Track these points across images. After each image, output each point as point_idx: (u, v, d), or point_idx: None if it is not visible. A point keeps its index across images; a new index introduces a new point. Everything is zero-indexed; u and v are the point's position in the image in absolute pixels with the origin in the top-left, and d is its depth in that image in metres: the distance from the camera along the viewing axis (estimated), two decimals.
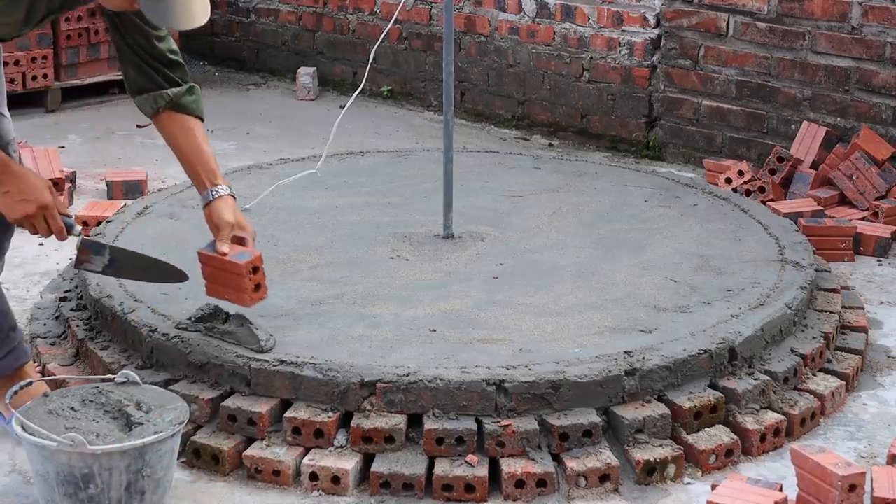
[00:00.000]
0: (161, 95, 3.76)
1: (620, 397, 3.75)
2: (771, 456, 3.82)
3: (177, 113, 3.79)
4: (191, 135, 3.80)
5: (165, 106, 3.77)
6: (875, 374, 4.35)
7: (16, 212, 3.47)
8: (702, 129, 6.52)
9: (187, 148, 3.80)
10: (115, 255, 3.75)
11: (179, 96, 3.77)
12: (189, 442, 3.71)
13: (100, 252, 3.72)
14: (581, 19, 6.79)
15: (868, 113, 6.00)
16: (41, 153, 5.87)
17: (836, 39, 6.03)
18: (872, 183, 5.70)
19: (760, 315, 4.11)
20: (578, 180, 5.47)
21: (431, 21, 7.40)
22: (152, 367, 3.91)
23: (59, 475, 3.29)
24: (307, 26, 7.99)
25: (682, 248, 4.69)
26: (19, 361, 3.82)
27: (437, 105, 7.23)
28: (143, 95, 3.77)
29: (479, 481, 3.56)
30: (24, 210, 3.46)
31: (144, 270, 3.82)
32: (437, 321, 4.05)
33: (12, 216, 3.49)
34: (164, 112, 3.78)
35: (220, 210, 3.76)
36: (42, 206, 3.48)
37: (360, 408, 3.68)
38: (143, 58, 3.72)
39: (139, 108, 3.81)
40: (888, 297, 4.98)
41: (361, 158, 5.80)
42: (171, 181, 5.91)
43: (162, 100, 3.76)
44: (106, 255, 3.72)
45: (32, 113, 7.18)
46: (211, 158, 3.81)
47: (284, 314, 4.01)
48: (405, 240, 4.74)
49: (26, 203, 3.46)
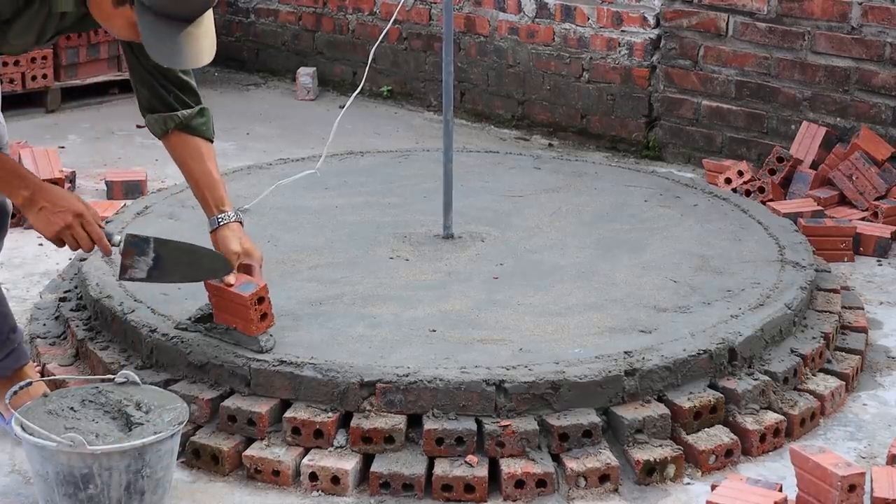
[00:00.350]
0: (171, 117, 3.74)
1: (620, 397, 3.75)
2: (771, 456, 3.82)
3: (186, 135, 3.77)
4: (200, 158, 3.78)
5: (175, 128, 3.75)
6: (875, 375, 4.35)
7: (54, 225, 3.47)
8: (702, 129, 6.52)
9: (196, 172, 3.79)
10: (159, 250, 3.62)
11: (190, 118, 3.75)
12: (189, 442, 3.70)
13: (144, 251, 3.62)
14: (581, 19, 6.79)
15: (868, 113, 6.00)
16: (41, 153, 5.87)
17: (835, 39, 6.03)
18: (872, 183, 5.70)
19: (760, 315, 4.11)
20: (578, 180, 5.47)
21: (431, 21, 7.40)
22: (152, 367, 3.91)
23: (59, 475, 3.29)
24: (307, 26, 7.99)
25: (682, 248, 4.69)
26: (19, 363, 3.82)
27: (437, 105, 7.23)
28: (154, 115, 3.75)
29: (479, 481, 3.56)
30: (62, 221, 3.46)
31: (189, 266, 3.71)
32: (437, 321, 4.05)
33: (51, 231, 3.48)
34: (174, 133, 3.76)
35: (225, 239, 3.76)
36: (77, 215, 3.48)
37: (359, 408, 3.68)
38: (155, 77, 3.70)
39: (149, 127, 3.79)
40: (888, 297, 4.98)
41: (361, 158, 5.80)
42: (171, 181, 5.91)
43: (172, 121, 3.74)
44: (150, 254, 3.62)
45: (32, 113, 7.19)
46: (219, 183, 3.79)
47: (284, 314, 4.01)
48: (405, 240, 4.74)
49: (62, 214, 3.46)
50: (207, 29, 3.25)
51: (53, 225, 3.46)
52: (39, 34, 3.39)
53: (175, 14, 3.17)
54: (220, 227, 3.77)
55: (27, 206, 3.47)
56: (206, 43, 3.25)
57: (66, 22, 3.43)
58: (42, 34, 3.40)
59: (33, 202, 3.46)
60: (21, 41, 3.39)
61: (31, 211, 3.47)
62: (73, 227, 3.48)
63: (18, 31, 3.33)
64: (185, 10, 3.18)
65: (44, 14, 3.33)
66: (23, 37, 3.36)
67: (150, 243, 3.61)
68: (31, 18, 3.32)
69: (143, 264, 3.61)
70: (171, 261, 3.65)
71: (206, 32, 3.25)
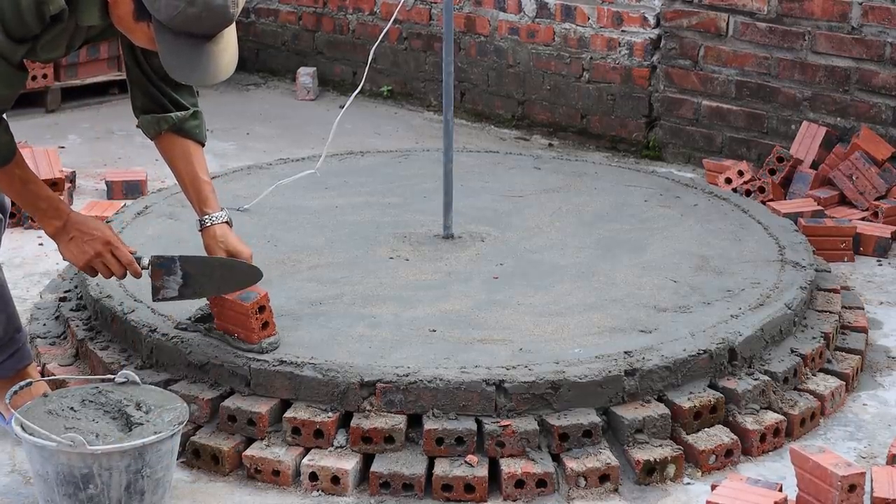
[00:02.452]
0: (165, 119, 3.74)
1: (620, 397, 3.75)
2: (771, 456, 3.82)
3: (178, 136, 3.77)
4: (189, 160, 3.78)
5: (168, 129, 3.75)
6: (875, 374, 4.35)
7: (85, 254, 3.56)
8: (702, 129, 6.52)
9: (184, 173, 3.79)
10: (186, 267, 3.69)
11: (183, 121, 3.75)
12: (189, 442, 3.71)
13: (172, 270, 3.67)
14: (581, 19, 6.79)
15: (868, 113, 6.00)
16: (41, 153, 5.87)
17: (836, 39, 6.03)
18: (872, 183, 5.70)
19: (760, 315, 4.11)
20: (578, 180, 5.47)
21: (431, 21, 7.40)
22: (152, 367, 3.91)
23: (59, 475, 3.29)
24: (307, 26, 7.99)
25: (682, 248, 4.69)
26: (22, 363, 3.82)
27: (437, 105, 7.23)
28: (147, 116, 3.76)
29: (479, 481, 3.56)
30: (92, 250, 3.54)
31: (221, 279, 3.72)
32: (437, 321, 4.05)
33: (83, 260, 3.57)
34: (166, 135, 3.76)
35: (207, 245, 3.76)
36: (107, 242, 3.56)
37: (359, 408, 3.68)
38: (149, 77, 3.70)
39: (142, 128, 3.79)
40: (888, 297, 4.98)
41: (361, 158, 5.80)
42: (170, 181, 5.89)
43: (165, 123, 3.74)
44: (178, 272, 3.67)
45: (32, 113, 7.18)
46: (206, 185, 3.78)
47: (284, 314, 4.01)
48: (405, 240, 4.74)
49: (92, 243, 3.54)
50: (228, 43, 3.25)
51: (85, 254, 3.56)
52: (68, 46, 3.42)
53: (193, 32, 3.17)
54: (203, 230, 3.77)
55: (59, 236, 3.56)
56: (226, 58, 3.25)
57: (93, 32, 3.44)
58: (70, 46, 3.43)
59: (65, 232, 3.55)
60: (51, 55, 3.41)
61: (63, 240, 3.56)
62: (104, 255, 3.56)
63: (47, 45, 3.35)
64: (203, 28, 3.18)
65: (71, 28, 3.34)
66: (52, 51, 3.39)
67: (175, 262, 3.68)
68: (59, 33, 3.34)
69: (173, 283, 3.68)
70: (201, 276, 3.69)
71: (227, 47, 3.25)
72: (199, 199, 3.78)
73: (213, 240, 3.75)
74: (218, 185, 5.27)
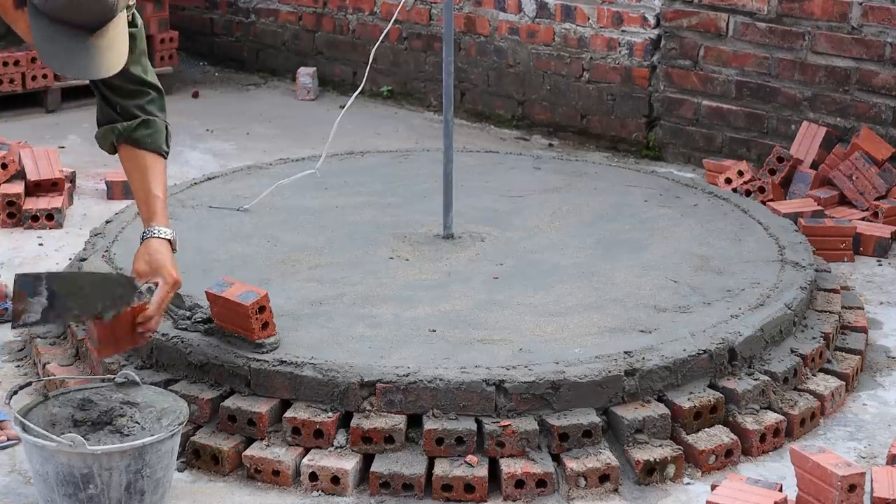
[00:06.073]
0: (112, 129, 3.62)
1: (620, 397, 3.75)
2: (771, 456, 3.82)
3: (134, 148, 3.64)
4: (143, 173, 3.64)
5: (119, 140, 3.63)
6: (875, 375, 4.35)
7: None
8: (702, 129, 6.52)
9: (136, 185, 3.68)
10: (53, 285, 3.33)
11: (130, 130, 3.62)
12: (189, 442, 3.71)
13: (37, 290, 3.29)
14: (581, 19, 6.79)
15: (868, 113, 6.00)
16: (41, 153, 5.87)
17: (836, 39, 6.03)
18: (872, 183, 5.70)
19: (760, 315, 4.11)
20: (578, 180, 5.47)
21: (431, 21, 7.40)
22: (152, 367, 3.91)
23: (59, 475, 3.29)
24: (307, 26, 7.99)
25: (682, 248, 4.69)
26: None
27: (437, 105, 7.22)
28: (100, 129, 3.66)
29: (479, 481, 3.56)
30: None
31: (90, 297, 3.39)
32: (437, 321, 4.05)
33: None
34: (122, 147, 3.65)
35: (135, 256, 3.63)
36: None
37: (359, 408, 3.68)
38: (97, 86, 3.58)
39: (97, 143, 3.69)
40: (888, 297, 4.98)
41: (361, 158, 5.80)
42: (170, 181, 5.89)
43: (112, 134, 3.63)
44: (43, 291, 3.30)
45: (32, 113, 7.18)
46: (157, 200, 3.63)
47: (284, 314, 4.01)
48: (405, 240, 4.74)
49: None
50: (112, 42, 3.10)
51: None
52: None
53: (70, 21, 3.02)
54: (142, 242, 3.63)
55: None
56: (110, 56, 3.10)
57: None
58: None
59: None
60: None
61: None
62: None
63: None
64: (79, 17, 3.02)
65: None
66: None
67: (42, 279, 3.33)
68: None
69: (37, 305, 3.31)
70: (68, 294, 3.36)
71: (111, 45, 3.09)
72: (148, 213, 3.64)
73: (142, 251, 3.60)
74: (218, 185, 5.30)
